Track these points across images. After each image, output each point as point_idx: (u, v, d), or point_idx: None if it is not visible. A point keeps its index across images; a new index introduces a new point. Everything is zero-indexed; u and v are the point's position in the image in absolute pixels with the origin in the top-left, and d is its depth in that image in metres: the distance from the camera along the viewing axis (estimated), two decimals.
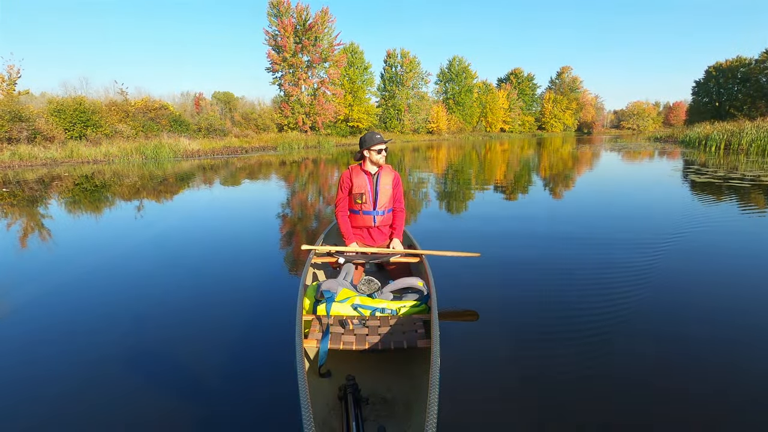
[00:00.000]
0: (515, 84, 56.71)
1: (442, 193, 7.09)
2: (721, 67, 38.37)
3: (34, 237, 4.41)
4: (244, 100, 36.10)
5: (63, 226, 4.82)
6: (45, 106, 17.17)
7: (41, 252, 3.78)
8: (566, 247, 3.63)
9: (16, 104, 15.87)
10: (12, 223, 5.14)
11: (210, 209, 5.79)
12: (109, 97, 21.01)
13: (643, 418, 1.49)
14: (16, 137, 14.51)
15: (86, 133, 16.47)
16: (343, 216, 2.49)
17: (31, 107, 16.31)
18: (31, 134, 14.92)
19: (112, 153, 14.82)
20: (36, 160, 13.37)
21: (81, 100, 17.35)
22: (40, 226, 4.89)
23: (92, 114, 16.86)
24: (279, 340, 1.96)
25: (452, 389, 1.58)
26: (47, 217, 5.39)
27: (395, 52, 37.50)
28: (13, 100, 16.38)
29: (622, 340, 2.02)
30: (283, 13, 27.24)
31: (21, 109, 15.41)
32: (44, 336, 2.13)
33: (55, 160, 13.72)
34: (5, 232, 4.58)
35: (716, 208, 5.30)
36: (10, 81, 17.54)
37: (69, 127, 16.26)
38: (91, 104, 17.47)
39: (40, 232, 4.61)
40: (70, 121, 16.31)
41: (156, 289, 2.73)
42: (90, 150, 14.69)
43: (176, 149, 16.31)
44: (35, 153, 13.64)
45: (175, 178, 9.66)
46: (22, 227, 4.86)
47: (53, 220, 5.19)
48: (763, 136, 14.28)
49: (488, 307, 2.38)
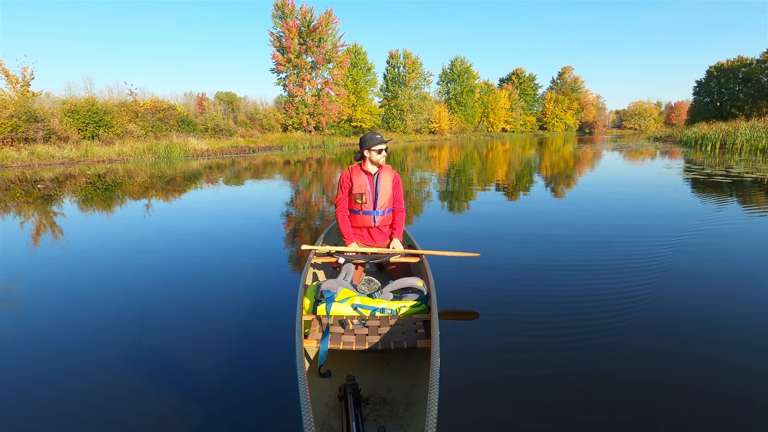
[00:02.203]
0: (517, 84, 56.29)
1: (443, 193, 7.04)
2: (723, 67, 37.84)
3: (72, 228, 4.53)
4: (246, 100, 36.06)
5: (95, 221, 4.90)
6: (55, 107, 17.34)
7: (55, 248, 3.80)
8: (567, 247, 3.58)
9: (31, 105, 16.06)
10: (58, 214, 5.31)
11: (212, 208, 5.78)
12: (113, 97, 21.18)
13: (644, 418, 1.46)
14: (32, 137, 14.74)
15: (98, 133, 16.65)
16: (343, 216, 2.45)
17: (44, 107, 16.50)
18: (46, 134, 15.11)
19: (126, 152, 15.07)
20: (54, 159, 13.63)
21: (93, 101, 17.52)
22: (82, 218, 5.03)
23: (104, 114, 17.01)
24: (279, 340, 1.94)
25: (452, 389, 1.55)
26: (86, 212, 5.46)
27: (398, 52, 37.33)
28: (27, 101, 16.57)
29: (622, 339, 1.98)
30: (287, 15, 27.20)
31: (36, 109, 15.61)
32: (44, 336, 2.11)
33: (71, 159, 13.98)
34: (51, 225, 4.76)
35: (715, 205, 5.22)
36: (24, 82, 17.72)
37: (82, 127, 16.44)
38: (103, 105, 17.63)
39: (78, 222, 4.74)
40: (83, 122, 16.49)
41: (155, 289, 2.71)
42: (104, 149, 14.94)
43: (186, 149, 16.51)
44: (52, 152, 13.88)
45: (183, 177, 9.73)
46: (67, 219, 5.01)
47: (89, 215, 5.29)
48: (755, 136, 14.60)
49: (488, 307, 2.35)
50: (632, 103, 74.09)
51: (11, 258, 3.53)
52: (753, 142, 14.39)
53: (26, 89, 17.65)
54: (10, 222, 5.08)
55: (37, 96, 18.15)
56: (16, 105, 15.63)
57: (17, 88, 17.35)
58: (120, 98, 20.86)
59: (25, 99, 16.86)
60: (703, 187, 6.93)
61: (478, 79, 46.44)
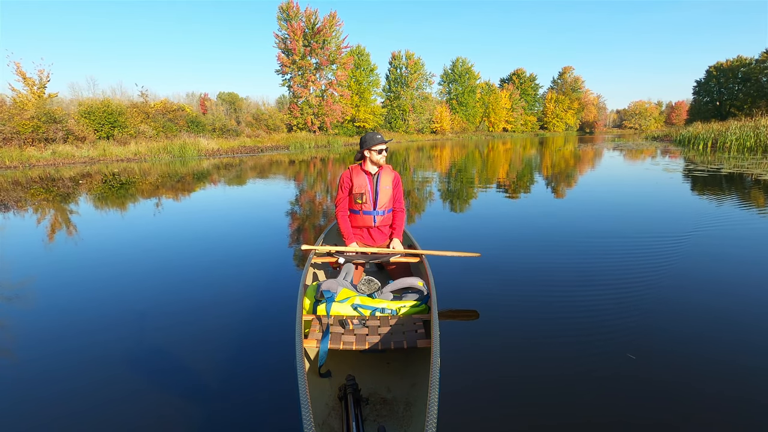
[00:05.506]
0: (517, 84, 55.81)
1: (443, 193, 6.97)
2: (722, 67, 37.19)
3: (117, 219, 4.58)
4: (248, 101, 35.99)
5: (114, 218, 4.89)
6: (71, 107, 17.51)
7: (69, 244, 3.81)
8: (567, 247, 3.51)
9: (49, 106, 16.26)
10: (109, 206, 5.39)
11: (216, 207, 5.76)
12: (117, 98, 21.28)
13: (645, 418, 1.41)
14: (52, 137, 14.96)
15: (113, 134, 16.83)
16: (343, 216, 2.41)
17: (61, 109, 16.70)
18: (64, 135, 15.31)
19: (142, 152, 15.30)
20: (75, 159, 13.86)
21: (108, 102, 17.70)
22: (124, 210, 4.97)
23: (119, 115, 17.17)
24: (279, 340, 1.90)
25: (452, 389, 1.52)
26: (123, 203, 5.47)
27: (400, 53, 37.14)
28: (44, 103, 16.75)
29: (623, 339, 1.92)
30: (292, 17, 27.13)
31: (54, 110, 15.81)
32: (43, 335, 2.08)
33: (91, 159, 14.21)
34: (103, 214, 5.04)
35: (716, 203, 5.11)
36: (40, 84, 17.89)
37: (98, 127, 16.63)
38: (117, 106, 17.80)
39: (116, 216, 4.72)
40: (99, 122, 16.66)
41: (155, 289, 2.67)
42: (120, 149, 15.18)
43: (198, 148, 16.68)
44: (72, 152, 14.11)
45: (198, 176, 9.81)
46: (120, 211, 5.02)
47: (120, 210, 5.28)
48: (744, 135, 14.92)
49: (488, 306, 2.30)
50: (633, 102, 73.26)
51: (26, 255, 3.54)
52: (741, 141, 14.79)
53: (42, 91, 17.82)
54: (48, 218, 5.12)
55: (54, 97, 18.34)
56: (34, 106, 15.83)
57: (34, 90, 17.52)
58: (124, 99, 21.01)
59: (42, 101, 17.04)
60: (696, 182, 7.10)
61: (479, 80, 46.15)
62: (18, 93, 17.07)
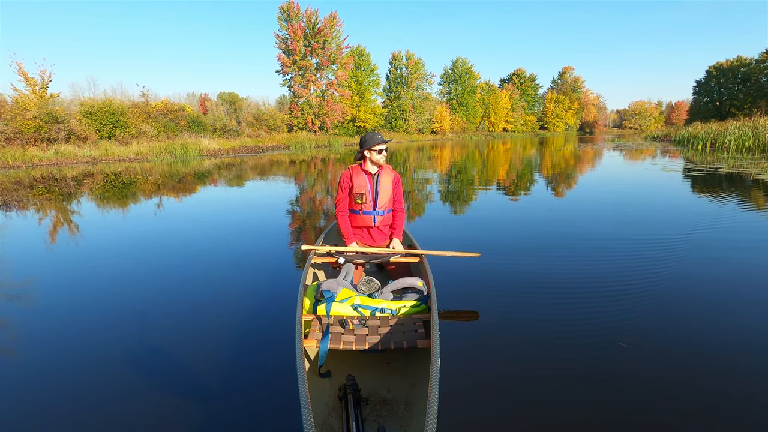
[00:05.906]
0: (517, 84, 55.71)
1: (444, 193, 6.96)
2: (722, 67, 37.10)
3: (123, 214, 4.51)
4: (249, 101, 35.94)
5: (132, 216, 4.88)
6: (72, 107, 17.52)
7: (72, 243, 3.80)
8: (567, 246, 3.50)
9: (51, 106, 16.27)
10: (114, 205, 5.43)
11: (216, 207, 5.75)
12: (117, 98, 21.27)
13: (645, 417, 1.40)
14: (54, 137, 14.97)
15: (115, 134, 16.83)
16: (343, 216, 2.40)
17: (62, 109, 16.71)
18: (67, 134, 15.32)
19: (144, 152, 15.29)
20: (77, 158, 13.85)
21: (110, 102, 17.71)
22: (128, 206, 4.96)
23: (120, 115, 17.18)
24: (279, 340, 1.89)
25: (452, 389, 1.51)
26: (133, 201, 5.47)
27: (400, 54, 37.09)
28: (46, 103, 16.77)
29: (623, 339, 1.91)
30: (293, 18, 27.10)
31: (56, 110, 15.82)
32: (44, 335, 2.08)
33: (94, 158, 14.20)
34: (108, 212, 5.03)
35: (717, 204, 5.10)
36: (42, 85, 17.90)
37: (99, 127, 16.63)
38: (119, 106, 17.80)
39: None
40: (101, 122, 16.67)
41: (155, 289, 2.66)
42: (122, 149, 15.17)
43: (200, 148, 16.68)
44: (74, 152, 14.11)
45: (195, 177, 9.78)
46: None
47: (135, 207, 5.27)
48: (742, 135, 14.94)
49: (488, 307, 2.29)
50: (633, 102, 73.16)
51: (26, 255, 3.54)
52: (740, 141, 14.83)
53: (44, 91, 17.84)
54: (50, 216, 5.12)
55: (56, 97, 18.35)
56: (37, 106, 15.84)
57: (36, 90, 17.54)
58: (125, 99, 20.99)
59: (44, 101, 17.06)
60: (695, 182, 7.13)
61: (479, 80, 46.06)
62: (20, 93, 17.09)
